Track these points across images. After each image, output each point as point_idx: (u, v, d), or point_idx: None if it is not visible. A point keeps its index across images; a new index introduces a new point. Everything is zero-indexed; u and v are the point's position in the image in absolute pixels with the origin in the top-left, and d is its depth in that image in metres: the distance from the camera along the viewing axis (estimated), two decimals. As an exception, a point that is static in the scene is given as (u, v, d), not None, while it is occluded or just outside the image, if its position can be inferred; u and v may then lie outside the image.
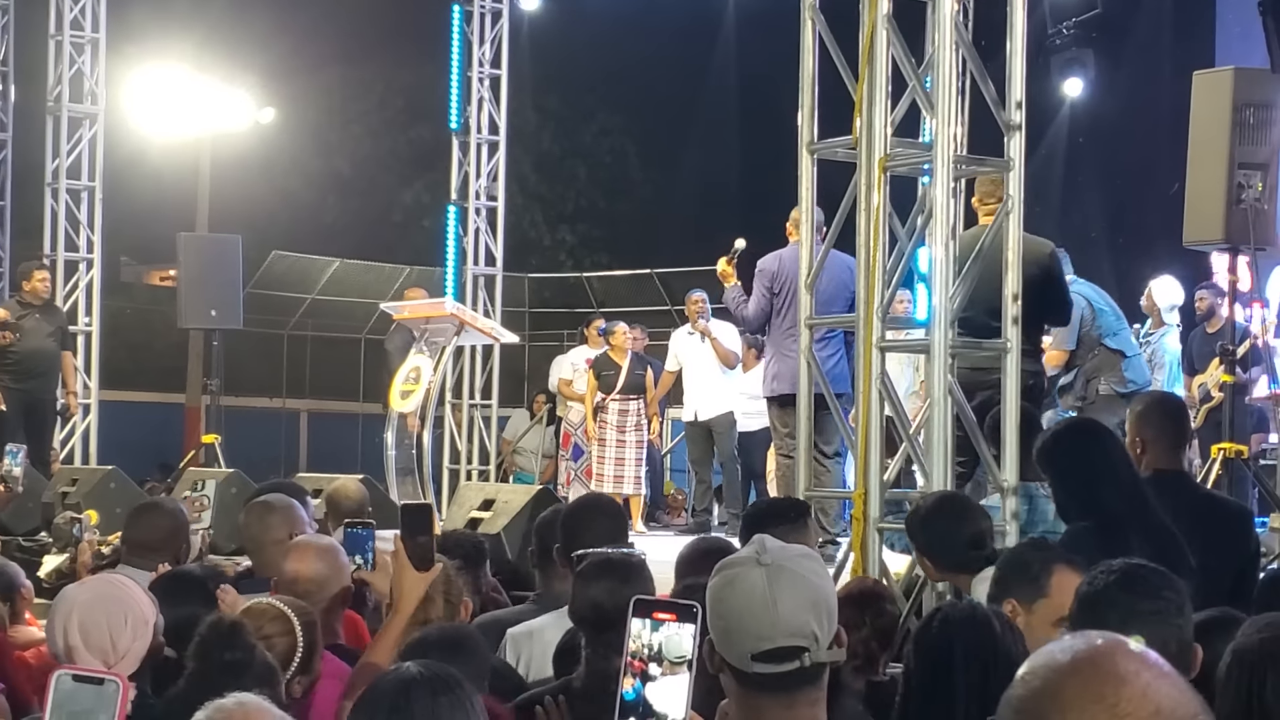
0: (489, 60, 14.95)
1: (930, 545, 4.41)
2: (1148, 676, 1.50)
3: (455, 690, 2.53)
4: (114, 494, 9.26)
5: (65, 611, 3.37)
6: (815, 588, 2.46)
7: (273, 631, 3.47)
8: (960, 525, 4.36)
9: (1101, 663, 1.52)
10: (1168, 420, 5.27)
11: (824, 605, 2.46)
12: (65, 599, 3.43)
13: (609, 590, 3.57)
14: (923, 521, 4.49)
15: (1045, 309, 7.03)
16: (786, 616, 2.40)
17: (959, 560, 4.28)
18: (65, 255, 13.79)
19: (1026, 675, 1.55)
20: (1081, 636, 1.56)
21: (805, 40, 6.26)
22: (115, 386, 16.97)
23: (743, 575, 2.44)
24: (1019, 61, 5.97)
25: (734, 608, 2.41)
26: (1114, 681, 1.49)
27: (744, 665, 2.40)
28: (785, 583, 2.42)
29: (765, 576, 2.42)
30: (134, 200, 21.34)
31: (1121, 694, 1.49)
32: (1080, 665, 1.52)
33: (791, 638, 2.40)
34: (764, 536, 2.54)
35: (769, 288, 8.73)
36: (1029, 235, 6.61)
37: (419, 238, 27.24)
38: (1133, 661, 1.52)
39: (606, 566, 3.81)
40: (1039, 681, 1.53)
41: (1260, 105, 7.83)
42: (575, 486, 11.96)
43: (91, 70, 13.95)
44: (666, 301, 22.89)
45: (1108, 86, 18.46)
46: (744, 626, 2.39)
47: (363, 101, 30.46)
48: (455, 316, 10.39)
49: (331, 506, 6.54)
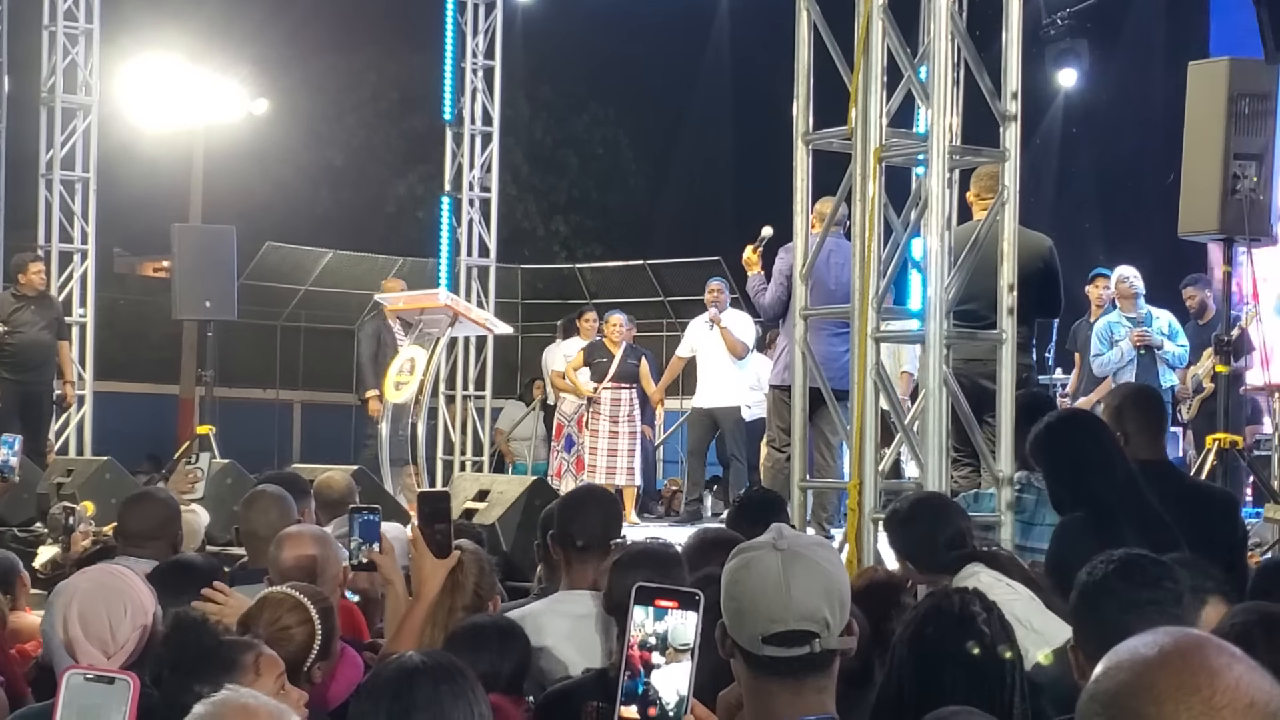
0: (482, 51, 14.94)
1: (909, 549, 4.42)
2: (1240, 669, 1.51)
3: (457, 679, 2.53)
4: (109, 485, 9.25)
5: (65, 602, 3.37)
6: (829, 575, 2.50)
7: (291, 622, 3.46)
8: (937, 527, 4.37)
9: (1191, 656, 1.52)
10: (1146, 411, 5.30)
11: (837, 593, 2.49)
12: (65, 589, 3.42)
13: (647, 579, 3.61)
14: (900, 525, 4.51)
15: (1042, 303, 7.08)
16: (799, 600, 2.44)
17: (939, 561, 4.30)
18: (60, 247, 13.78)
19: (1111, 669, 1.54)
20: (1162, 631, 1.56)
21: (800, 31, 6.26)
22: (109, 378, 16.95)
23: (759, 559, 2.49)
24: (1014, 52, 5.98)
25: (748, 589, 2.45)
26: (1207, 674, 1.50)
27: (754, 648, 2.43)
28: (800, 568, 2.46)
29: (781, 561, 2.46)
30: (127, 191, 21.29)
31: (1216, 686, 1.49)
32: (1170, 658, 1.52)
33: (802, 621, 2.43)
34: (781, 525, 2.60)
35: (787, 278, 8.73)
36: (1028, 230, 6.71)
37: (412, 229, 27.21)
38: (1223, 655, 1.52)
39: (645, 556, 3.87)
40: (1127, 675, 1.52)
41: (1255, 95, 7.84)
42: (566, 478, 11.96)
43: (85, 61, 13.93)
44: (659, 293, 22.88)
45: (1102, 77, 18.48)
46: (756, 608, 2.43)
47: (356, 93, 30.40)
48: (449, 308, 10.39)
49: (319, 498, 6.54)
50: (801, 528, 6.24)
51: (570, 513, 4.58)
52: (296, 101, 27.67)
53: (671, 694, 2.22)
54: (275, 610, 3.49)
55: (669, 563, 3.82)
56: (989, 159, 6.09)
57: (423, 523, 3.66)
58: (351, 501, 6.20)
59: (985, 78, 5.97)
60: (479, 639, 3.52)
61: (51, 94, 13.82)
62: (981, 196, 6.98)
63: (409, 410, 10.40)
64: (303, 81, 27.86)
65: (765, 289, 8.92)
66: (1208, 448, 8.27)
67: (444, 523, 3.68)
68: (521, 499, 7.42)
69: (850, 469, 6.00)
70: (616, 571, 3.81)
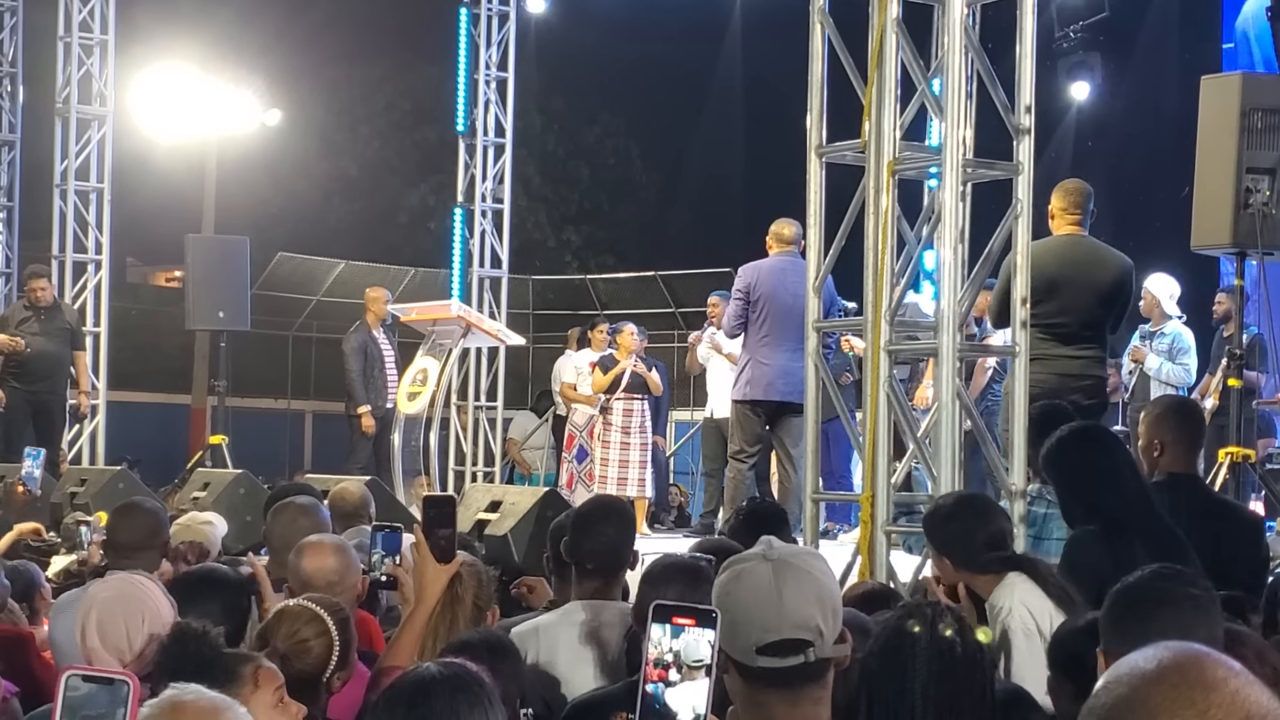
0: (495, 63, 14.97)
1: (947, 544, 4.41)
2: (1236, 683, 1.51)
3: (474, 689, 2.54)
4: (123, 495, 9.22)
5: (84, 611, 3.38)
6: (820, 584, 2.50)
7: (309, 634, 3.46)
8: (979, 525, 4.37)
9: (1189, 669, 1.52)
10: (1184, 423, 5.31)
11: (829, 602, 2.50)
12: (83, 599, 3.44)
13: (679, 594, 3.62)
14: (942, 521, 4.50)
15: (1116, 320, 7.20)
16: (791, 609, 2.44)
17: (976, 560, 4.30)
18: (74, 257, 13.82)
19: (1110, 684, 1.54)
20: (1163, 646, 1.56)
21: (814, 43, 6.27)
22: (121, 387, 16.99)
23: (750, 570, 2.50)
24: (1028, 65, 5.99)
25: (740, 601, 2.45)
26: (1203, 688, 1.49)
27: (748, 659, 2.42)
28: (791, 577, 2.47)
29: (771, 571, 2.47)
30: (140, 201, 21.38)
31: (1211, 700, 1.49)
32: (1167, 672, 1.52)
33: (796, 630, 2.44)
34: (770, 537, 2.59)
35: (745, 297, 8.98)
36: (1113, 249, 7.11)
37: (425, 240, 27.25)
38: (1220, 668, 1.52)
39: (675, 569, 3.87)
40: (1125, 689, 1.52)
41: (1267, 110, 7.83)
42: (578, 489, 11.95)
43: (100, 72, 13.98)
44: (670, 304, 22.88)
45: (1115, 90, 18.46)
46: (749, 619, 2.42)
47: (369, 104, 30.47)
48: (462, 319, 10.42)
49: (333, 509, 6.55)
50: (812, 540, 6.24)
51: (581, 531, 4.57)
52: (310, 112, 27.75)
53: (688, 711, 2.22)
54: (293, 623, 3.49)
55: (699, 576, 3.81)
56: (1002, 172, 6.10)
57: (426, 528, 3.65)
58: (366, 511, 6.22)
59: (999, 91, 5.98)
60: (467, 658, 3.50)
61: (66, 104, 13.87)
62: (1070, 212, 7.06)
63: (421, 421, 10.41)
64: (316, 92, 27.95)
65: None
66: (1220, 461, 8.26)
67: (448, 528, 3.67)
68: (534, 510, 7.42)
69: (863, 482, 6.00)
70: (646, 585, 3.81)
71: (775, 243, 9.17)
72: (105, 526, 5.43)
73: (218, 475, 9.86)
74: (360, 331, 12.24)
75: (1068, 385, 6.52)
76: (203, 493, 9.16)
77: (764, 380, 8.92)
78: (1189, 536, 4.70)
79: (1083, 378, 6.78)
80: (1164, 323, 10.56)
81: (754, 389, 8.95)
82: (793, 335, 7.78)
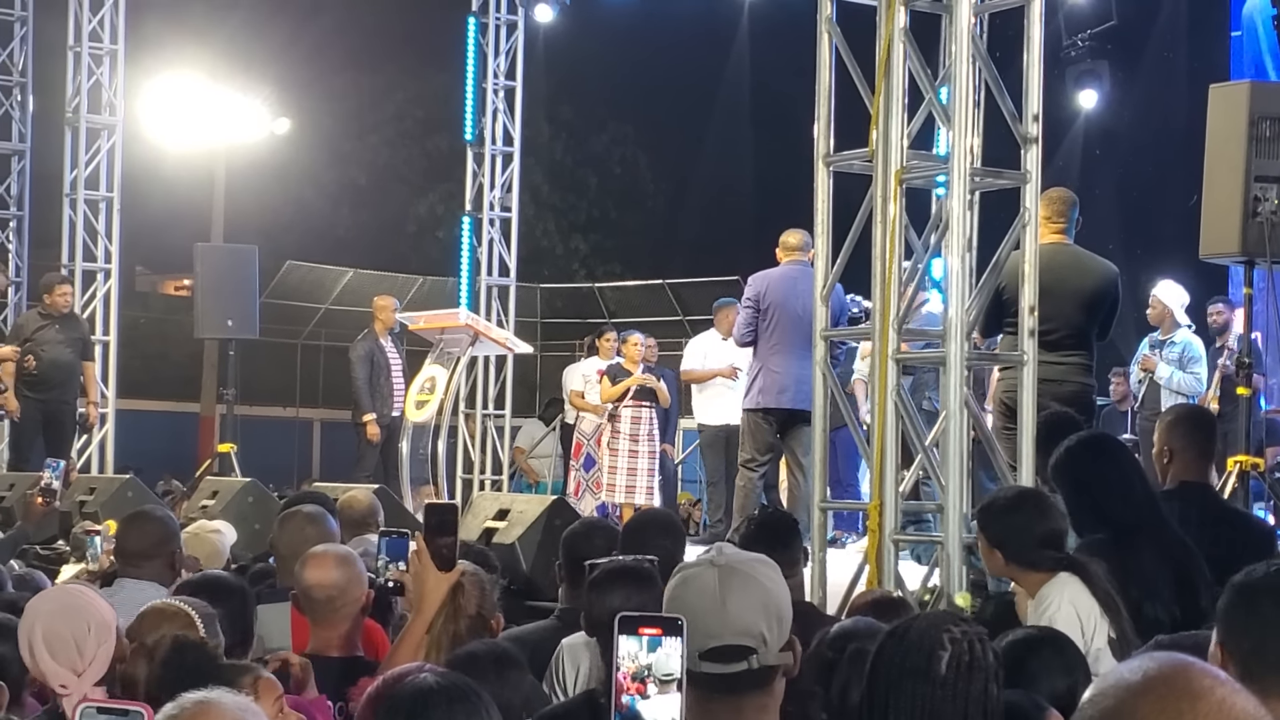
0: (504, 72, 14.99)
1: (1001, 537, 4.39)
2: (1222, 692, 1.51)
3: (471, 699, 2.53)
4: (131, 503, 9.25)
5: (29, 627, 3.33)
6: (766, 591, 2.50)
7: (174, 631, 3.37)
8: (1037, 521, 4.36)
9: (1176, 679, 1.52)
10: (1196, 431, 5.30)
11: (774, 609, 2.49)
12: (26, 617, 3.37)
13: (625, 598, 3.61)
14: (1000, 513, 4.47)
15: (1104, 327, 7.16)
16: (735, 615, 2.45)
17: (1028, 556, 4.29)
18: (83, 265, 13.84)
19: (1097, 696, 1.55)
20: (1149, 657, 1.57)
21: (822, 53, 6.28)
22: (130, 396, 17.02)
23: (696, 575, 2.51)
24: (1035, 75, 5.99)
25: (686, 605, 2.46)
26: (1190, 697, 1.50)
27: (693, 664, 2.40)
28: (736, 583, 2.47)
29: (717, 576, 2.48)
30: (149, 210, 21.40)
31: (1199, 709, 1.49)
32: (1153, 683, 1.52)
33: (739, 636, 2.44)
34: (723, 543, 2.62)
35: (755, 305, 9.06)
36: (1098, 256, 7.11)
37: (433, 248, 27.30)
38: (1207, 677, 1.52)
39: (620, 573, 3.85)
40: (1111, 701, 1.53)
41: (1276, 118, 7.81)
42: (585, 497, 11.95)
43: (110, 81, 14.01)
44: (678, 312, 22.89)
45: (1122, 99, 18.46)
46: (694, 624, 2.40)
47: (378, 112, 30.53)
48: (470, 327, 10.43)
49: (342, 517, 6.55)
50: (820, 548, 6.24)
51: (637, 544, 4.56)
52: (318, 121, 27.80)
53: None
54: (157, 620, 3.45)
55: (643, 578, 3.80)
56: (1010, 181, 6.10)
57: (428, 535, 3.64)
58: (375, 520, 6.21)
59: (1006, 99, 5.98)
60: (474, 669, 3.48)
61: (76, 114, 13.90)
62: (1053, 221, 7.04)
63: (429, 429, 10.42)
64: (324, 101, 28.01)
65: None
66: (1229, 470, 8.24)
67: (450, 536, 3.66)
68: (542, 518, 7.40)
69: (871, 490, 6.00)
70: (593, 591, 3.79)
71: (783, 251, 9.24)
72: (114, 535, 5.43)
73: (226, 483, 9.87)
74: (367, 339, 12.25)
75: (1049, 391, 6.47)
76: (211, 501, 9.16)
77: (775, 388, 8.94)
78: (1199, 545, 4.69)
79: (1064, 383, 6.74)
80: (1174, 331, 10.54)
81: (765, 397, 8.96)
82: (803, 343, 7.79)
